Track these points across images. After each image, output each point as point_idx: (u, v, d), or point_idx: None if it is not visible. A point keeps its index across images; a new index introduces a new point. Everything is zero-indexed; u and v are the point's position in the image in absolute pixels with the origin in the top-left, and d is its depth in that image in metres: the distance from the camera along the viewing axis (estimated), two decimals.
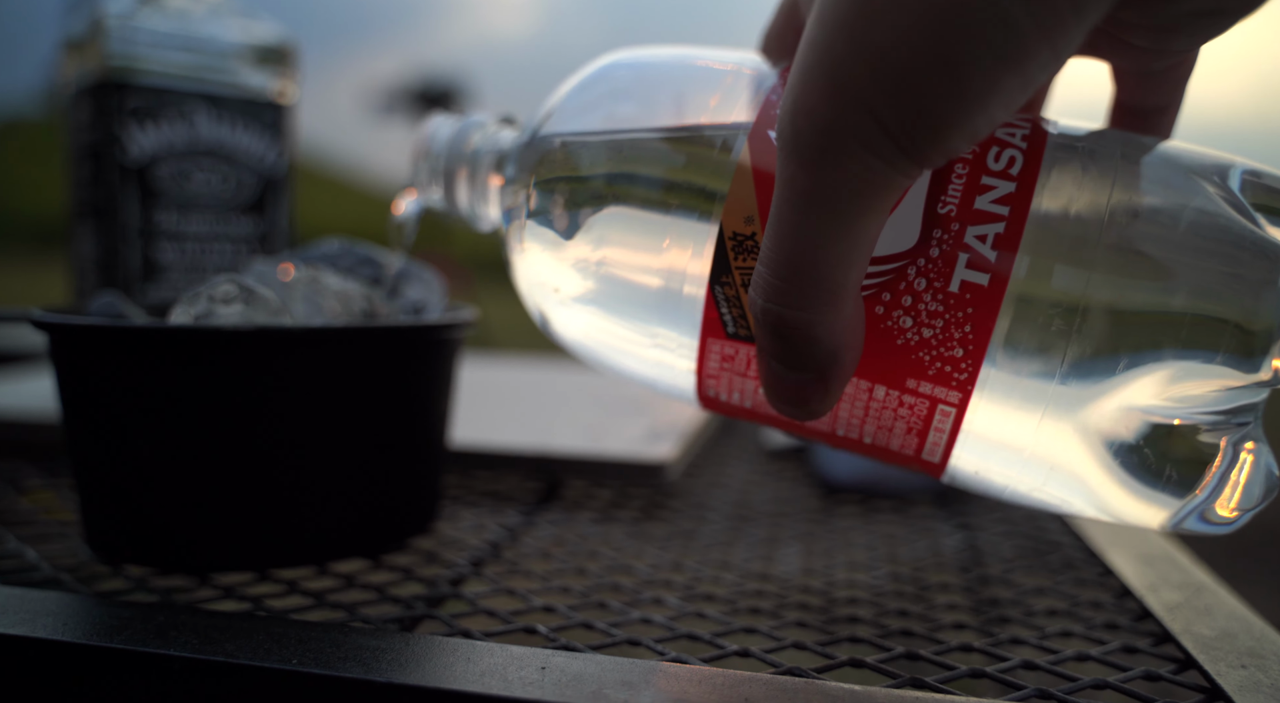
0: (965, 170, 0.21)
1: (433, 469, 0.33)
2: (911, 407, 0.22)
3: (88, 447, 0.29)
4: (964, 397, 0.22)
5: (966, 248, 0.21)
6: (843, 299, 0.19)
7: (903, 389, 0.22)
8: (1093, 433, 0.21)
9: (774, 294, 0.19)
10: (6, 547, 0.31)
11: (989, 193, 0.21)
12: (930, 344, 0.21)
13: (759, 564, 0.33)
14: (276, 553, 0.29)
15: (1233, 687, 0.22)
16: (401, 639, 0.23)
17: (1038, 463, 0.23)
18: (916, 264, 0.21)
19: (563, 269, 0.26)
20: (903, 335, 0.22)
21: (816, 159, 0.18)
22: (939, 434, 0.23)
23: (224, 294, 0.30)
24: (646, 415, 0.50)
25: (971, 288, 0.21)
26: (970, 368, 0.21)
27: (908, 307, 0.21)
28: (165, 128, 0.48)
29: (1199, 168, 0.22)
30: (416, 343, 0.31)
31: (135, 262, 0.47)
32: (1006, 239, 0.21)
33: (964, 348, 0.21)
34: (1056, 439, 0.22)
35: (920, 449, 0.23)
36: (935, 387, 0.22)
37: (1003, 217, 0.21)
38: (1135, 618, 0.28)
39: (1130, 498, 0.22)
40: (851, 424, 0.24)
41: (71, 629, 0.23)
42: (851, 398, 0.23)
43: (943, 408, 0.22)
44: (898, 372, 0.22)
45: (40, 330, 0.29)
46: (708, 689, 0.21)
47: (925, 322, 0.21)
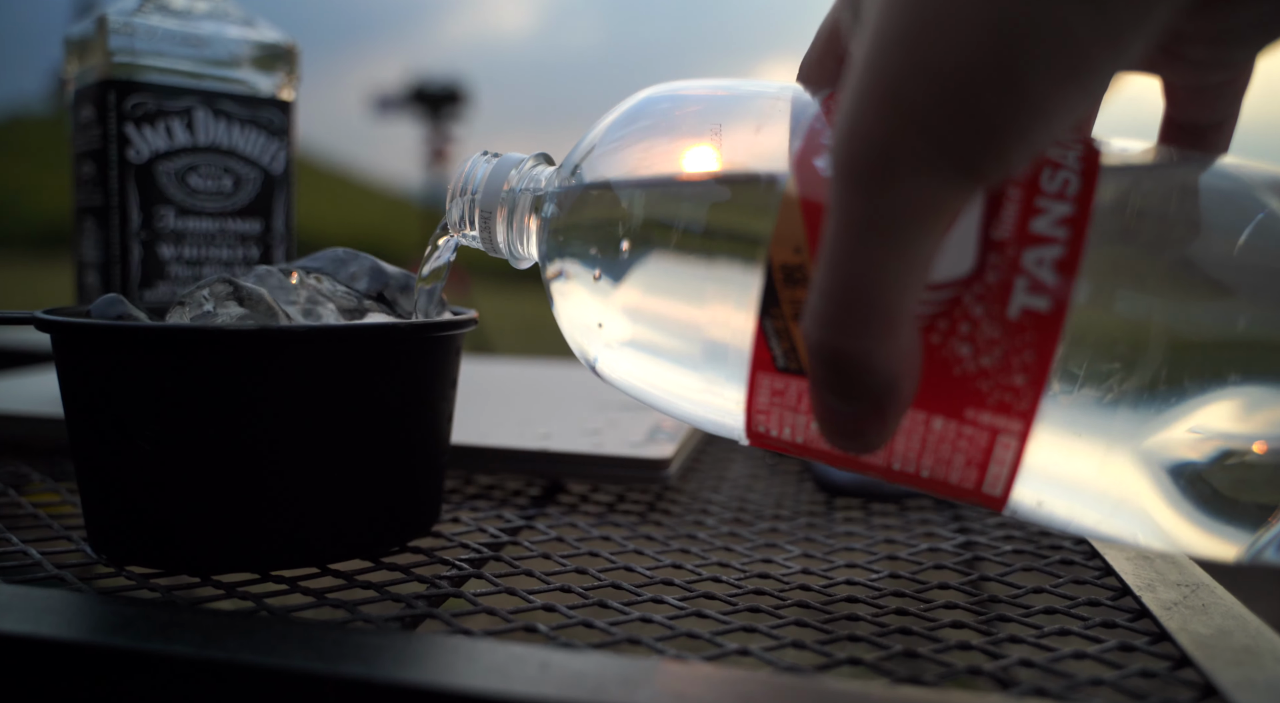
0: (1019, 193, 0.21)
1: (433, 469, 0.33)
2: (971, 438, 0.22)
3: (90, 447, 0.29)
4: (1025, 426, 0.21)
5: (1024, 272, 0.20)
6: (899, 327, 0.19)
7: (961, 419, 0.22)
8: (1159, 464, 0.21)
9: (828, 323, 0.19)
10: (10, 546, 0.31)
11: (1044, 215, 0.21)
12: (989, 373, 0.21)
13: (759, 564, 0.33)
14: (278, 553, 0.29)
15: (1228, 684, 0.23)
16: (403, 638, 0.23)
17: (1103, 495, 0.22)
18: (973, 290, 0.21)
19: (608, 313, 0.26)
20: (960, 364, 0.21)
21: (872, 182, 0.18)
22: (999, 467, 0.22)
23: (219, 293, 0.30)
24: (647, 415, 0.50)
25: (1031, 314, 0.20)
26: (1031, 396, 0.21)
27: (965, 334, 0.21)
28: (166, 128, 0.48)
29: (1258, 183, 0.21)
30: (417, 343, 0.31)
31: (136, 261, 0.47)
32: (1065, 263, 0.20)
33: (1025, 376, 0.21)
34: (1122, 470, 0.21)
35: (980, 482, 0.23)
36: (995, 416, 0.21)
37: (1060, 239, 0.20)
38: (1132, 617, 0.28)
39: (1201, 532, 0.21)
40: (909, 458, 0.23)
41: (74, 628, 0.23)
42: (908, 431, 0.22)
43: (1003, 439, 0.21)
44: (956, 402, 0.21)
45: (43, 331, 0.29)
46: (707, 688, 0.21)
47: (984, 349, 0.21)
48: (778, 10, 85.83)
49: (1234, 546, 0.22)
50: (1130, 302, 0.20)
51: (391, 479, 0.31)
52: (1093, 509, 0.23)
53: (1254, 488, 0.21)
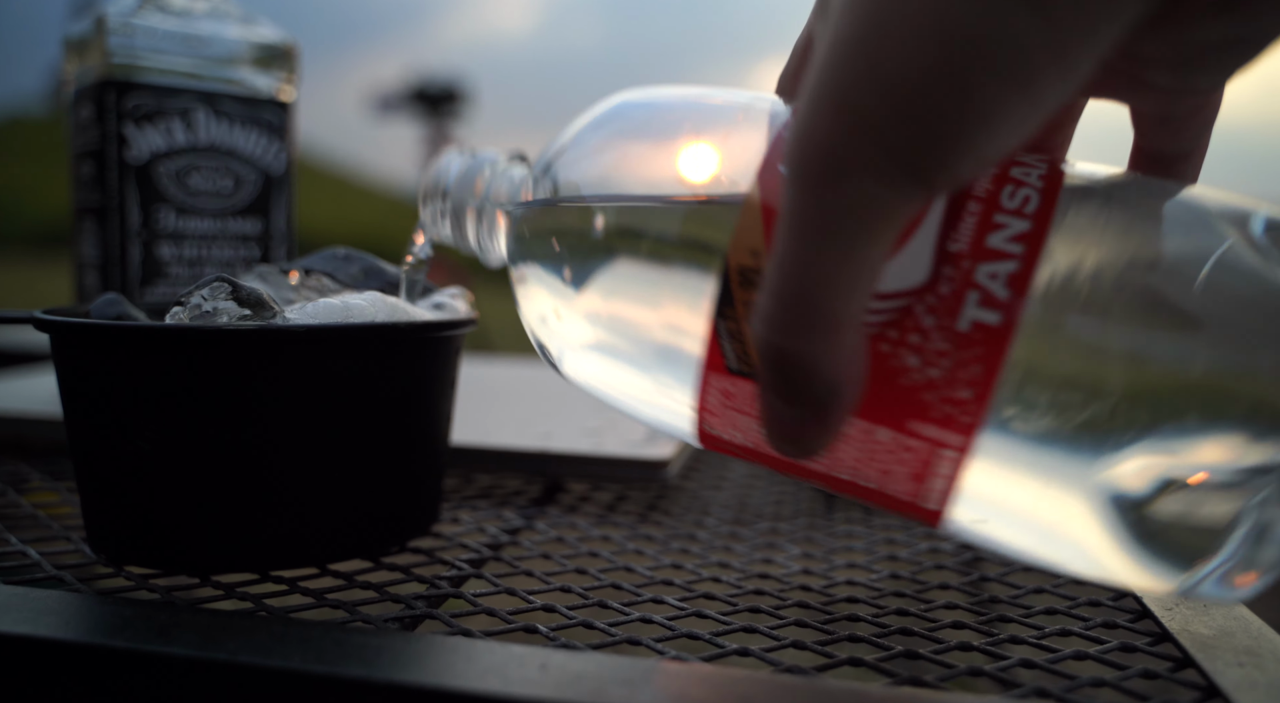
0: (978, 208, 0.21)
1: (433, 469, 0.33)
2: (912, 450, 0.22)
3: (90, 446, 0.29)
4: (966, 441, 0.21)
5: (977, 286, 0.20)
6: (843, 330, 0.19)
7: (904, 431, 0.22)
8: (1098, 493, 0.21)
9: (774, 323, 0.19)
10: (9, 546, 0.31)
11: (1002, 231, 0.21)
12: (935, 385, 0.21)
13: (759, 564, 0.33)
14: (278, 553, 0.29)
15: (1230, 685, 0.22)
16: (402, 638, 0.23)
17: (1041, 520, 0.22)
18: (925, 301, 0.21)
19: (570, 316, 0.26)
20: (907, 375, 0.21)
21: (821, 184, 0.18)
22: (939, 480, 0.22)
23: (218, 293, 0.30)
24: None
25: (981, 327, 0.20)
26: (975, 411, 0.21)
27: (914, 345, 0.21)
28: (166, 128, 0.48)
29: (1222, 214, 0.21)
30: (417, 343, 0.31)
31: (136, 261, 0.47)
32: (1019, 279, 0.20)
33: (970, 390, 0.21)
34: (1062, 496, 0.21)
35: (918, 495, 0.23)
36: (938, 429, 0.21)
37: (1016, 255, 0.20)
38: (1133, 617, 0.28)
39: (1136, 565, 0.21)
40: (851, 466, 0.23)
41: (73, 628, 0.23)
42: (852, 439, 0.22)
43: (944, 453, 0.21)
44: (900, 413, 0.21)
45: (42, 331, 0.29)
46: (707, 688, 0.21)
47: (932, 361, 0.21)
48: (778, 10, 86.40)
49: (1168, 580, 0.21)
50: (1083, 325, 0.20)
51: (391, 479, 0.31)
52: (1030, 534, 0.22)
53: (1191, 524, 0.20)
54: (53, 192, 19.55)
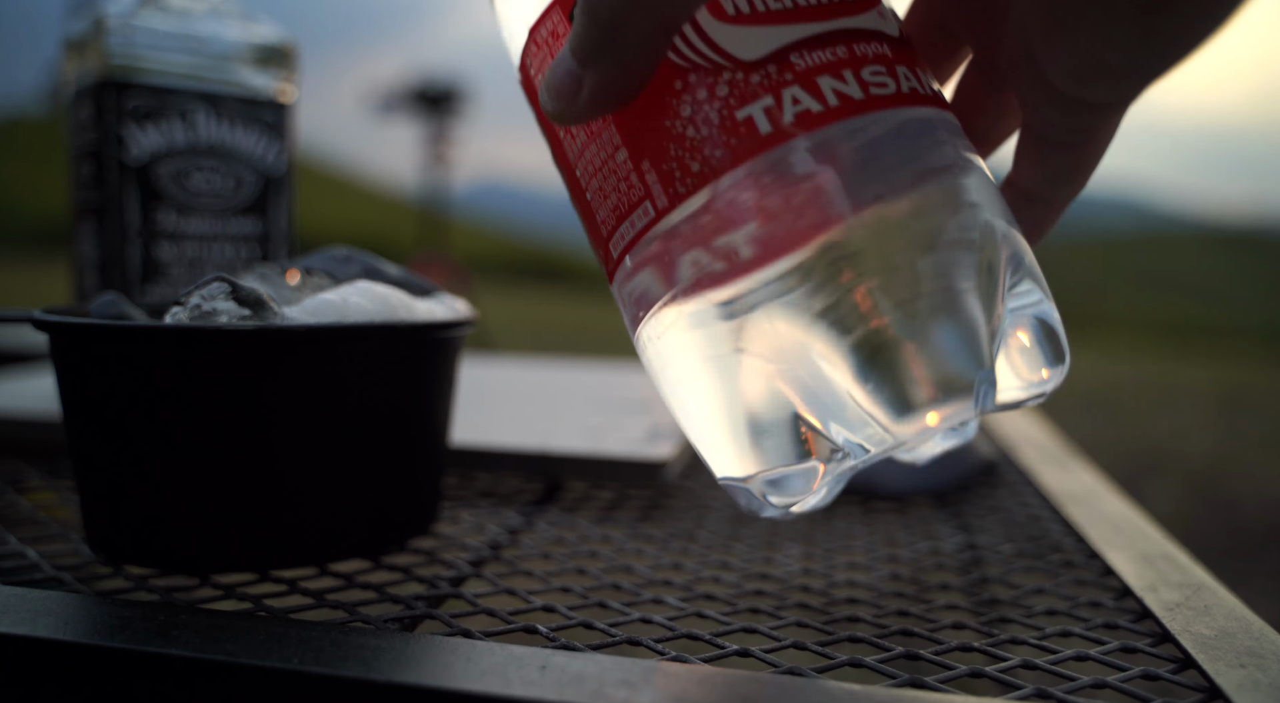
0: (843, 54, 0.21)
1: (433, 469, 0.33)
2: (631, 187, 0.22)
3: (89, 447, 0.29)
4: (666, 208, 0.22)
5: (779, 97, 0.21)
6: (661, 23, 0.20)
7: (636, 165, 0.22)
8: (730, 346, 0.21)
9: None
10: (7, 547, 0.31)
11: (837, 82, 0.21)
12: (684, 142, 0.21)
13: (759, 564, 0.33)
14: (277, 553, 0.29)
15: (1232, 686, 0.22)
16: (402, 639, 0.23)
17: (684, 334, 0.22)
18: (735, 75, 0.21)
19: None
20: (674, 120, 0.22)
21: None
22: (630, 229, 0.23)
23: (217, 293, 0.30)
24: (646, 415, 0.50)
25: (750, 126, 0.21)
26: (690, 187, 0.21)
27: (697, 100, 0.21)
28: (165, 128, 0.48)
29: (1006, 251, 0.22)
30: (416, 343, 0.31)
31: (135, 262, 0.47)
32: (811, 120, 0.21)
33: (702, 166, 0.21)
34: (698, 337, 0.22)
35: (611, 235, 0.23)
36: (657, 182, 0.22)
37: (826, 103, 0.21)
38: (1134, 618, 0.28)
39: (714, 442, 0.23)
40: (587, 171, 0.24)
41: (72, 629, 0.23)
42: (601, 144, 0.23)
43: (648, 205, 0.22)
44: (644, 146, 0.22)
45: (41, 331, 0.29)
46: (708, 689, 0.21)
47: (697, 122, 0.21)
48: None
49: (755, 463, 0.22)
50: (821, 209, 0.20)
51: (391, 479, 0.31)
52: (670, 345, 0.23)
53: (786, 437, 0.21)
54: (51, 192, 19.57)
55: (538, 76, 0.25)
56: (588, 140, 0.23)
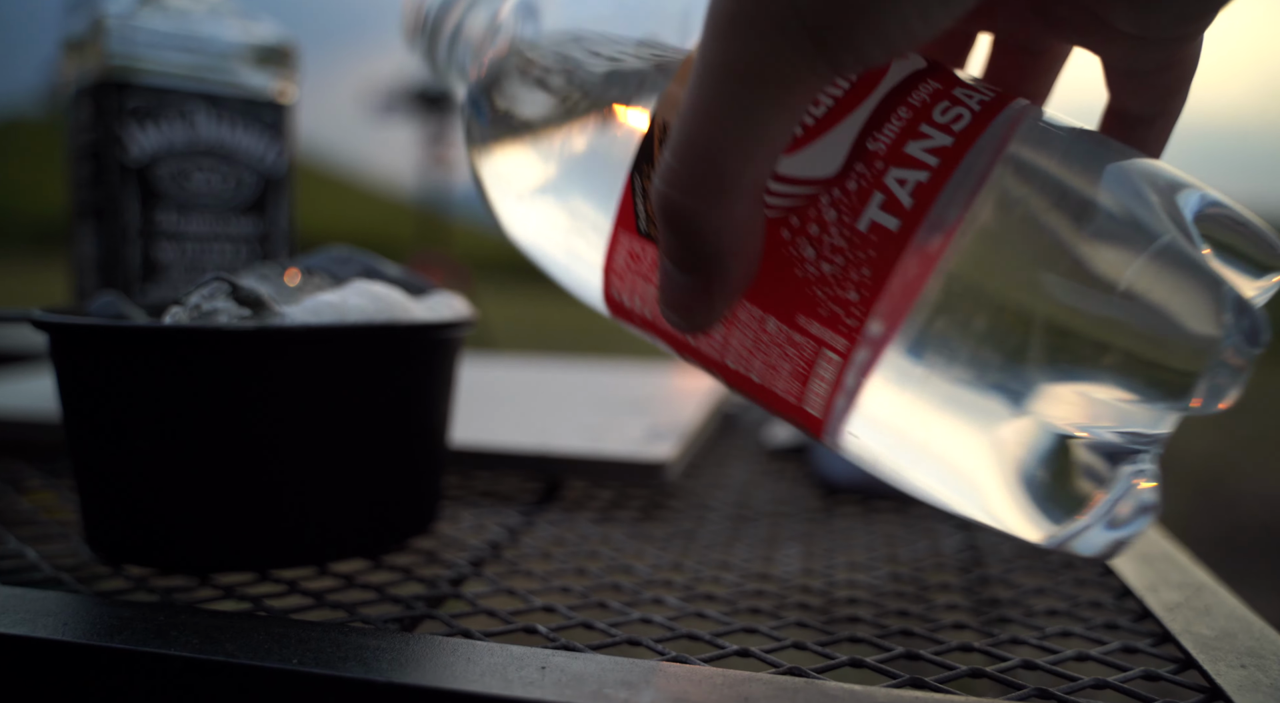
0: (908, 114, 0.21)
1: (433, 469, 0.33)
2: (799, 347, 0.21)
3: (88, 447, 0.29)
4: (850, 346, 0.21)
5: (885, 189, 0.20)
6: (735, 195, 0.19)
7: (793, 325, 0.21)
8: (982, 425, 0.20)
9: (670, 177, 0.19)
10: (7, 547, 0.31)
11: (923, 140, 0.20)
12: (827, 281, 0.21)
13: (759, 564, 0.33)
14: (277, 553, 0.29)
15: (1232, 687, 0.22)
16: (401, 639, 0.23)
17: (918, 440, 0.21)
18: (831, 193, 0.20)
19: (517, 152, 0.26)
20: (802, 266, 0.21)
21: (728, 31, 0.18)
22: (821, 384, 0.22)
23: (217, 292, 0.30)
24: (646, 415, 0.50)
25: (879, 230, 0.20)
26: (860, 315, 0.20)
27: (813, 236, 0.21)
28: (165, 128, 0.48)
29: (1156, 185, 0.21)
30: (416, 343, 0.31)
31: (135, 262, 0.47)
32: (927, 190, 0.20)
33: (858, 292, 0.20)
34: (942, 418, 0.20)
35: (801, 398, 0.22)
36: (825, 329, 0.21)
37: (929, 166, 0.20)
38: (1135, 618, 0.28)
39: (1013, 506, 0.21)
40: (741, 357, 0.23)
41: (72, 629, 0.23)
42: (743, 326, 0.22)
43: (828, 353, 0.21)
44: (791, 305, 0.21)
45: (40, 330, 0.29)
46: (708, 689, 0.21)
47: (826, 255, 0.20)
48: None
49: (1042, 528, 0.21)
50: (980, 253, 0.19)
51: (391, 479, 0.31)
52: (907, 455, 0.22)
53: (1072, 477, 0.20)
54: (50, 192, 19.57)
55: (634, 301, 0.24)
56: (726, 331, 0.23)
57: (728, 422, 0.59)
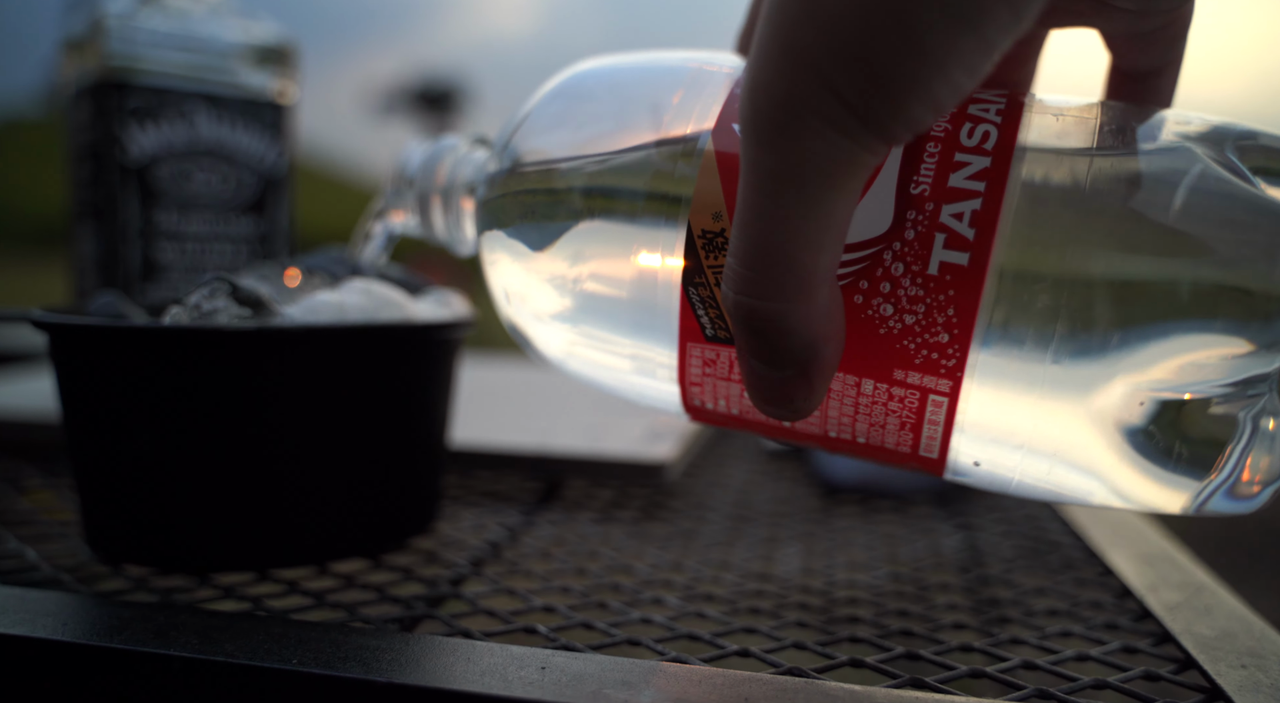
0: (937, 148, 0.21)
1: (433, 469, 0.33)
2: (902, 400, 0.22)
3: (88, 447, 0.29)
4: (955, 385, 0.21)
5: (943, 227, 0.20)
6: (815, 287, 0.19)
7: (891, 381, 0.21)
8: (1096, 414, 0.20)
9: (744, 286, 0.19)
10: (6, 547, 0.31)
11: (963, 169, 0.20)
12: (914, 331, 0.21)
13: (759, 564, 0.33)
14: (276, 553, 0.29)
15: (1233, 687, 0.22)
16: (401, 639, 0.23)
17: (1042, 450, 0.22)
18: (893, 248, 0.20)
19: (539, 285, 0.26)
20: (885, 324, 0.21)
21: (777, 137, 0.17)
22: (934, 427, 0.22)
23: (217, 292, 0.30)
24: (646, 415, 0.50)
25: (951, 269, 0.20)
26: (958, 353, 0.20)
27: (887, 293, 0.21)
28: (165, 128, 0.48)
29: (1191, 132, 0.21)
30: (416, 343, 0.31)
31: (135, 262, 0.47)
32: (984, 216, 0.20)
33: (949, 333, 0.20)
34: (1058, 423, 0.21)
35: (916, 445, 0.22)
36: (924, 376, 0.21)
37: (978, 193, 0.20)
38: (1135, 618, 0.28)
39: (1146, 482, 0.21)
40: (843, 424, 0.23)
41: (71, 629, 0.23)
42: (839, 395, 0.22)
43: (934, 398, 0.21)
44: (884, 363, 0.21)
45: (40, 330, 0.29)
46: (708, 689, 0.21)
47: (907, 308, 0.20)
48: None
49: (1182, 493, 0.21)
50: (1052, 251, 0.20)
51: (390, 478, 0.31)
52: (1034, 465, 0.22)
53: (1194, 437, 0.20)
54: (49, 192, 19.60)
55: (718, 404, 0.24)
56: (824, 405, 0.22)
57: None
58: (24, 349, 0.73)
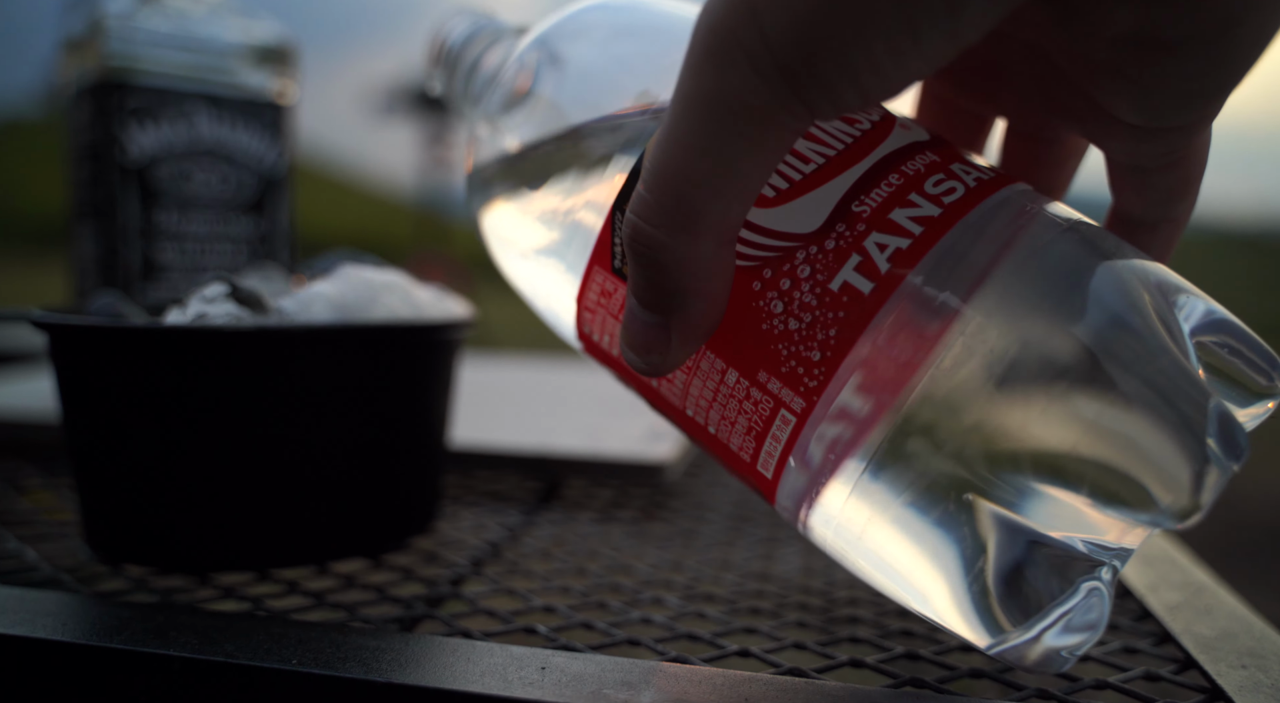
0: (899, 181, 0.20)
1: (433, 469, 0.33)
2: (757, 404, 0.21)
3: (87, 446, 0.29)
4: (808, 407, 0.20)
5: (863, 251, 0.20)
6: (701, 230, 0.18)
7: (753, 381, 0.21)
8: (937, 517, 0.19)
9: (639, 207, 0.19)
10: (6, 547, 0.31)
11: (910, 209, 0.20)
12: (792, 338, 0.20)
13: (759, 564, 0.33)
14: (276, 553, 0.29)
15: (1233, 687, 0.22)
16: (401, 639, 0.23)
17: (866, 529, 0.20)
18: (809, 251, 0.20)
19: (520, 217, 0.26)
20: (770, 321, 0.20)
21: (704, 61, 0.17)
22: (775, 444, 0.21)
23: (217, 293, 0.30)
24: (646, 415, 0.49)
25: (851, 292, 0.19)
26: (823, 376, 0.20)
27: (784, 291, 0.20)
28: (165, 128, 0.48)
29: (1153, 290, 0.19)
30: (416, 343, 0.31)
31: (135, 262, 0.47)
32: (905, 257, 0.19)
33: (822, 352, 0.20)
34: (898, 510, 0.19)
35: (756, 457, 0.22)
36: (784, 388, 0.20)
37: (911, 234, 0.19)
38: (1135, 618, 0.28)
39: (957, 611, 0.19)
40: (699, 407, 0.22)
41: (71, 630, 0.23)
42: (704, 376, 0.22)
43: (784, 414, 0.20)
44: (754, 359, 0.21)
45: (39, 330, 0.29)
46: (708, 689, 0.21)
47: (795, 313, 0.20)
48: None
49: (987, 634, 0.19)
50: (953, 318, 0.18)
51: (390, 478, 0.31)
52: (852, 543, 0.21)
53: (1026, 584, 0.19)
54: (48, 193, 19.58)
55: (602, 338, 0.24)
56: (688, 379, 0.22)
57: None
58: (24, 349, 0.73)
